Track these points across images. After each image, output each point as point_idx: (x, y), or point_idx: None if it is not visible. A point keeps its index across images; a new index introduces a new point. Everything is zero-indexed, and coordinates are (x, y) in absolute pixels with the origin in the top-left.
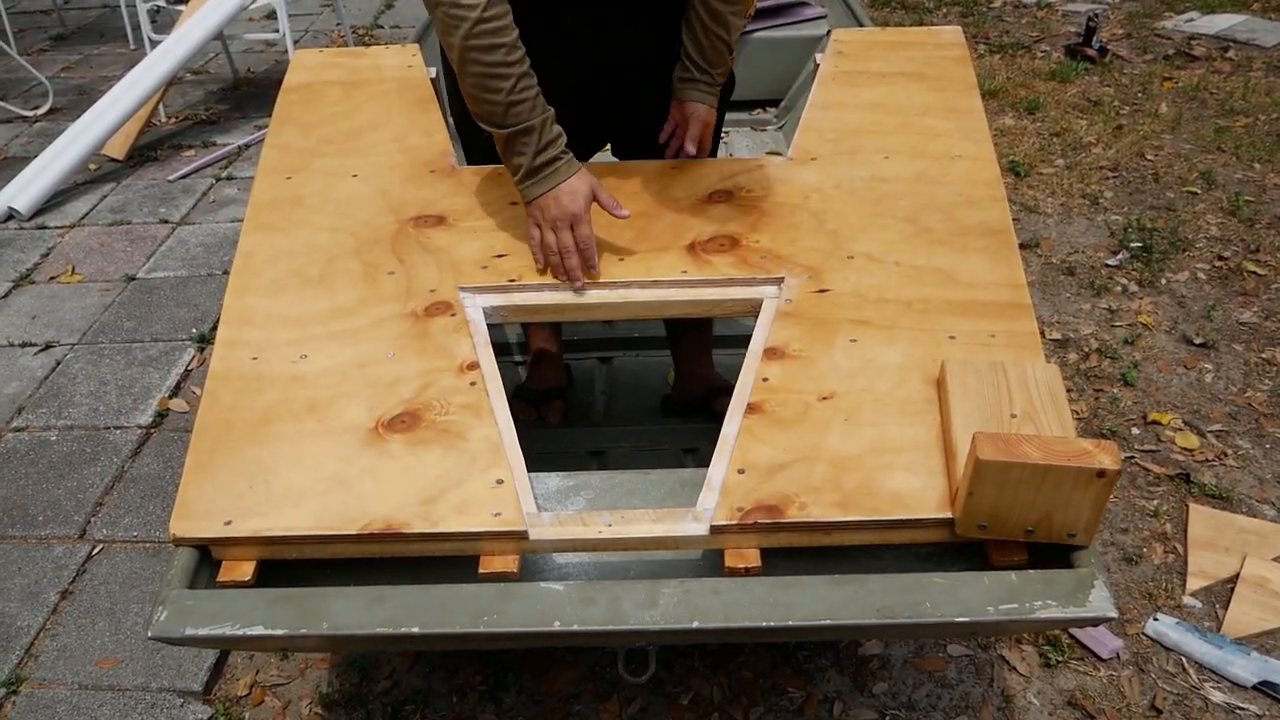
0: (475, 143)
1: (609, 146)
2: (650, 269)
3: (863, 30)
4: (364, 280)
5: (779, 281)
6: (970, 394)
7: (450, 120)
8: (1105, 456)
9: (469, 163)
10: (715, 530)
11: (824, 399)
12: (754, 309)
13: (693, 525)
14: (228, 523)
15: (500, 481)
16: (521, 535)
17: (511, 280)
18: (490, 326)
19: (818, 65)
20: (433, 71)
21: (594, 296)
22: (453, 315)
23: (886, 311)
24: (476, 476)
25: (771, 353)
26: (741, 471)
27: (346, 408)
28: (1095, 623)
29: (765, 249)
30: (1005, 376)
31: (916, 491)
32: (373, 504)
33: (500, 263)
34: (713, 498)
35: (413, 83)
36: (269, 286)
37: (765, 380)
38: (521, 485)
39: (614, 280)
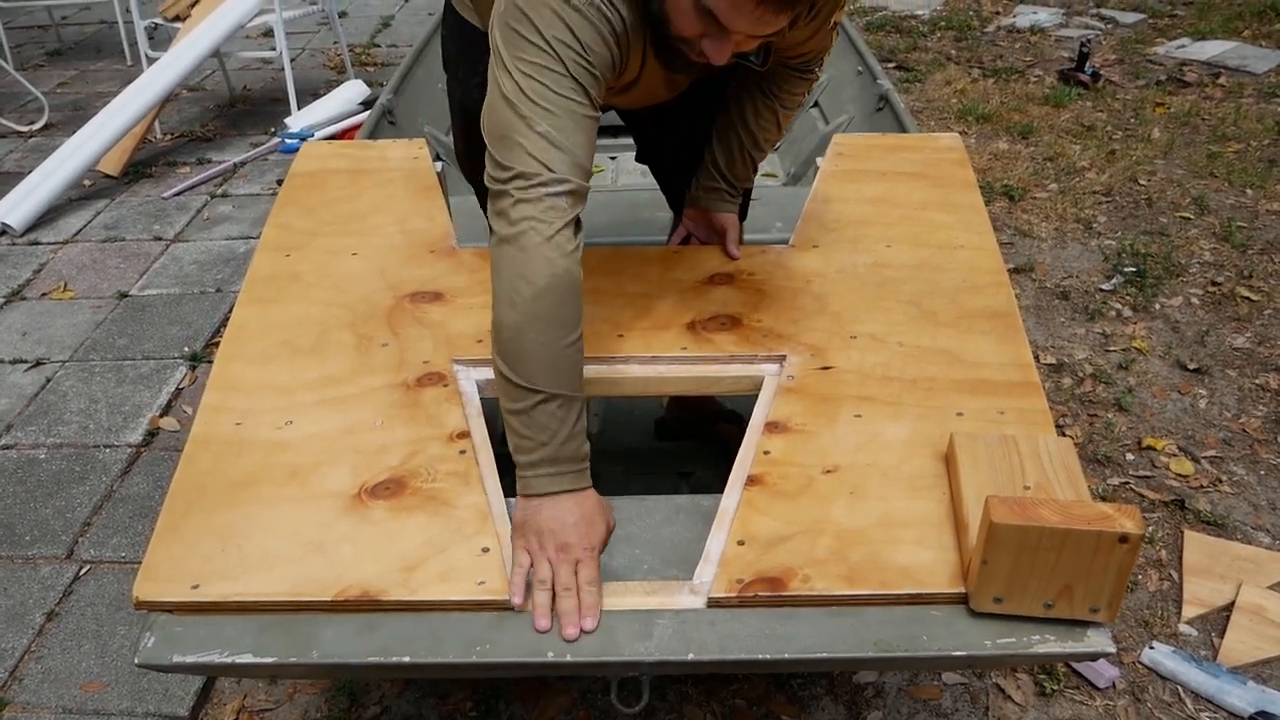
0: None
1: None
2: (649, 345)
3: (862, 135)
4: (356, 351)
5: (781, 359)
6: (981, 466)
7: (450, 206)
8: (1127, 521)
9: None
10: (713, 603)
11: (827, 472)
12: (755, 386)
13: (689, 598)
14: (195, 587)
15: (486, 550)
16: (505, 605)
17: None
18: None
19: (818, 167)
20: (439, 166)
21: (590, 372)
22: (445, 386)
23: (891, 389)
24: (461, 544)
25: (773, 426)
26: (741, 543)
27: (329, 473)
28: (1093, 657)
29: (767, 328)
30: (1017, 449)
31: (927, 565)
32: (350, 570)
33: None
34: (710, 570)
35: (418, 173)
36: (259, 355)
37: (766, 453)
38: (509, 554)
39: (612, 355)
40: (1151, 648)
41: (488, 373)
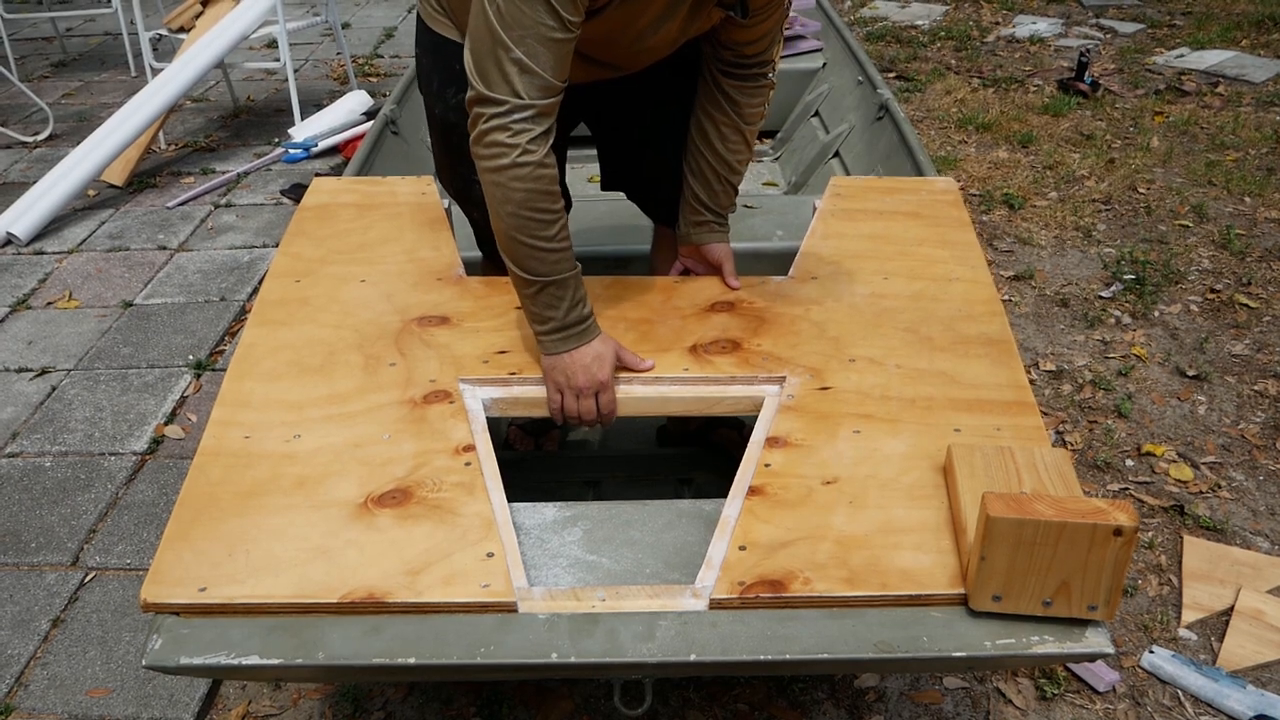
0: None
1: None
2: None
3: (860, 179)
4: (364, 371)
5: (781, 380)
6: (978, 475)
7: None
8: (1121, 514)
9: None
10: (715, 605)
11: (827, 483)
12: (755, 406)
13: (691, 601)
14: (202, 589)
15: (491, 555)
16: (510, 608)
17: (512, 373)
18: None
19: (816, 207)
20: (446, 203)
21: None
22: (451, 403)
23: (890, 407)
24: (466, 550)
25: (773, 441)
26: (743, 548)
27: (336, 484)
28: (1092, 658)
29: (767, 351)
30: (1013, 459)
31: (927, 568)
32: (356, 574)
33: (502, 358)
34: (712, 575)
35: (425, 207)
36: (268, 374)
37: (767, 466)
38: (513, 560)
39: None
40: (1151, 652)
41: (494, 391)
